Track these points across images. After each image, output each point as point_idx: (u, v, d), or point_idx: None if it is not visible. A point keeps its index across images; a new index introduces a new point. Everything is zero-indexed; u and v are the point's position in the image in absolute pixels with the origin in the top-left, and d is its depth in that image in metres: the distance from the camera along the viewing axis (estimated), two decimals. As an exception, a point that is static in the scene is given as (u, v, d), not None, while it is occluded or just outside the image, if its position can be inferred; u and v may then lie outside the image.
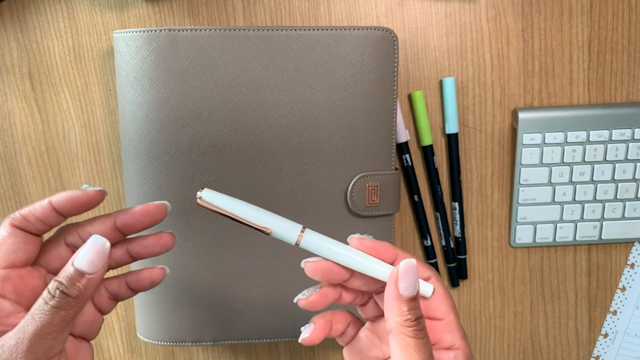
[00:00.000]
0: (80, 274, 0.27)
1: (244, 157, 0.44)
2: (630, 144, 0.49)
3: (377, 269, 0.30)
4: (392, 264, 0.30)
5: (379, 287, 0.31)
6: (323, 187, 0.45)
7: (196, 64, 0.42)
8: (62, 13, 0.47)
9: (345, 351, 0.34)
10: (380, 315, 0.33)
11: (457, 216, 0.51)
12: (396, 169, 0.46)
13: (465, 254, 0.52)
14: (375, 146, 0.45)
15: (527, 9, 0.48)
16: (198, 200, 0.30)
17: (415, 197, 0.50)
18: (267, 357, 0.54)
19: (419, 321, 0.28)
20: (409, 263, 0.28)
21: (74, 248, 0.31)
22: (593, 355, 0.55)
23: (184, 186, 0.44)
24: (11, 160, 0.50)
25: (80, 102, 0.49)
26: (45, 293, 0.26)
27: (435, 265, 0.52)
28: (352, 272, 0.31)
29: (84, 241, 0.30)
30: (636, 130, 0.49)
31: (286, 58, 0.43)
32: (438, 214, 0.51)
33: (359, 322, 0.34)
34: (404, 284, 0.28)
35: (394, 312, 0.28)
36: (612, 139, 0.49)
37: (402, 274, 0.28)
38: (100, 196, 0.29)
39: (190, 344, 0.48)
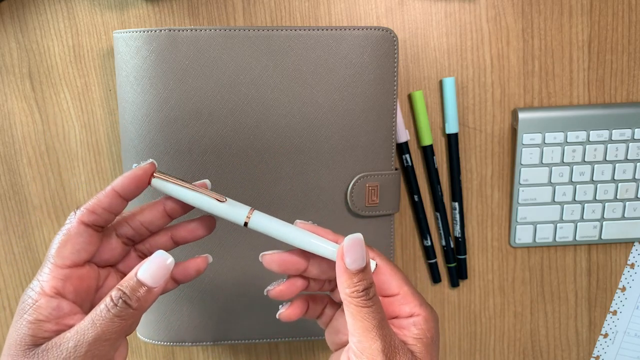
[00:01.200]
0: (142, 285, 0.28)
1: (244, 157, 0.44)
2: (630, 144, 0.49)
3: (325, 247, 0.31)
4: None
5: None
6: (323, 187, 0.45)
7: (196, 64, 0.42)
8: (62, 13, 0.47)
9: (326, 334, 0.36)
10: None
11: (457, 216, 0.51)
12: (396, 169, 0.46)
13: (465, 254, 0.52)
14: (375, 146, 0.45)
15: (527, 9, 0.48)
16: (152, 181, 0.31)
17: (415, 197, 0.50)
18: (267, 357, 0.54)
19: (367, 291, 0.29)
20: (354, 237, 0.30)
21: (124, 239, 0.32)
22: (593, 355, 0.55)
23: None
24: (11, 160, 0.50)
25: (80, 102, 0.49)
26: (108, 300, 0.27)
27: (435, 265, 0.52)
28: (308, 262, 0.32)
29: (134, 230, 0.32)
30: (636, 130, 0.49)
31: (286, 58, 0.43)
32: (438, 214, 0.51)
33: (336, 304, 0.36)
34: (349, 258, 0.29)
35: (343, 285, 0.29)
36: (612, 139, 0.49)
37: (347, 249, 0.30)
38: (153, 167, 0.31)
39: (190, 344, 0.48)
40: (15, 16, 0.47)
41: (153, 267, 0.28)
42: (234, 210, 0.31)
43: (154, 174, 0.31)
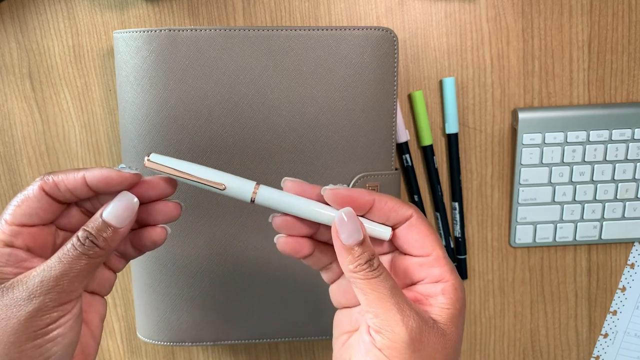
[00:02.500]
0: (107, 226, 0.28)
1: (244, 157, 0.44)
2: (630, 144, 0.49)
3: (329, 216, 0.29)
4: (370, 209, 0.30)
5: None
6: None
7: (196, 64, 0.42)
8: (62, 13, 0.47)
9: (331, 290, 0.33)
10: None
11: (457, 216, 0.51)
12: (396, 169, 0.46)
13: (465, 254, 0.52)
14: (375, 146, 0.45)
15: (527, 9, 0.48)
16: (145, 162, 0.29)
17: (415, 197, 0.50)
18: (267, 357, 0.54)
19: (370, 262, 0.28)
20: (344, 213, 0.28)
21: (82, 208, 0.31)
22: (593, 355, 0.55)
23: (184, 186, 0.44)
24: (11, 160, 0.50)
25: (80, 102, 0.49)
26: (74, 240, 0.28)
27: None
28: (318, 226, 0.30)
29: (93, 206, 0.31)
30: (636, 130, 0.49)
31: (286, 58, 0.43)
32: (438, 214, 0.51)
33: None
34: (344, 234, 0.28)
35: (345, 262, 0.28)
36: (612, 139, 0.49)
37: (339, 225, 0.28)
38: (136, 179, 0.29)
39: (190, 344, 0.48)
40: (15, 16, 0.47)
41: (118, 208, 0.28)
42: (238, 191, 0.29)
43: (148, 159, 0.29)
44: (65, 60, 0.48)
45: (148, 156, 0.29)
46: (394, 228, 0.30)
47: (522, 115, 0.48)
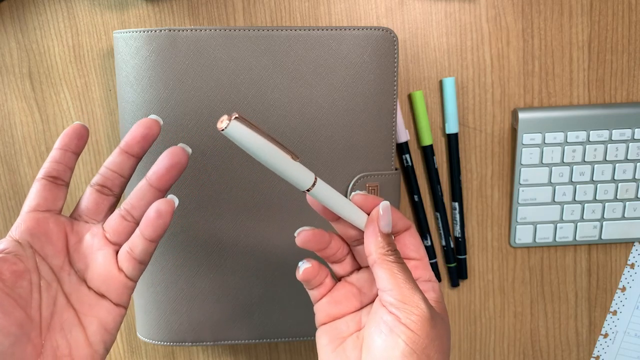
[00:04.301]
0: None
1: (244, 157, 0.44)
2: (630, 144, 0.49)
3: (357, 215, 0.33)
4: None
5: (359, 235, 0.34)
6: (323, 187, 0.45)
7: (196, 64, 0.42)
8: (62, 13, 0.47)
9: (319, 306, 0.36)
10: (357, 268, 0.36)
11: (457, 216, 0.51)
12: (396, 169, 0.46)
13: (465, 254, 0.52)
14: (375, 146, 0.45)
15: (527, 9, 0.48)
16: (227, 124, 0.27)
17: (415, 197, 0.50)
18: (267, 357, 0.54)
19: (397, 251, 0.32)
20: (387, 204, 0.33)
21: (96, 186, 0.34)
22: (593, 355, 0.55)
23: (184, 186, 0.44)
24: (11, 160, 0.50)
25: (80, 102, 0.49)
26: None
27: (435, 265, 0.52)
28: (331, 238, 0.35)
29: (103, 175, 0.34)
30: (636, 130, 0.49)
31: (286, 58, 0.43)
32: (438, 214, 0.51)
33: (333, 279, 0.37)
34: (383, 221, 0.32)
35: (377, 245, 0.32)
36: (612, 139, 0.49)
37: (384, 213, 0.32)
38: (83, 128, 0.34)
39: (190, 344, 0.48)
40: (15, 16, 0.47)
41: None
42: (299, 174, 0.30)
43: (235, 116, 0.27)
44: (65, 60, 0.48)
45: (230, 119, 0.27)
46: (395, 235, 0.35)
47: (522, 115, 0.48)
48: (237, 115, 0.27)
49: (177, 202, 0.33)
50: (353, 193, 0.34)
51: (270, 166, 0.29)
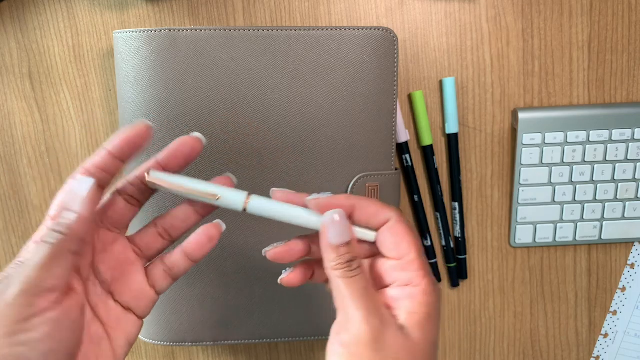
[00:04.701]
0: (63, 210, 0.27)
1: (244, 157, 0.44)
2: (630, 144, 0.49)
3: (313, 221, 0.31)
4: (352, 214, 0.31)
5: None
6: (323, 187, 0.45)
7: (196, 64, 0.42)
8: (62, 13, 0.47)
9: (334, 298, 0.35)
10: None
11: (457, 216, 0.51)
12: (396, 169, 0.46)
13: (465, 254, 0.52)
14: (375, 146, 0.45)
15: (527, 9, 0.48)
16: (146, 177, 0.31)
17: (415, 197, 0.50)
18: (267, 357, 0.54)
19: (350, 263, 0.29)
20: (333, 214, 0.30)
21: (125, 196, 0.32)
22: (593, 355, 0.55)
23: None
24: (11, 160, 0.50)
25: (80, 102, 0.49)
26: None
27: (435, 266, 0.52)
28: (309, 246, 0.33)
29: (134, 186, 0.31)
30: (636, 130, 0.49)
31: (286, 58, 0.43)
32: (438, 214, 0.51)
33: None
34: (331, 233, 0.29)
35: (326, 258, 0.30)
36: (612, 139, 0.49)
37: (327, 225, 0.30)
38: (149, 130, 0.29)
39: (190, 344, 0.48)
40: (15, 16, 0.47)
41: (71, 192, 0.27)
42: (231, 200, 0.32)
43: (148, 173, 0.30)
44: (65, 60, 0.48)
45: (148, 173, 0.31)
46: (377, 231, 0.31)
47: (522, 115, 0.48)
48: (149, 171, 0.31)
49: (224, 227, 0.33)
50: (308, 198, 0.31)
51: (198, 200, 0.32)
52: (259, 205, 0.31)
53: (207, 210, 0.33)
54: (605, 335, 0.55)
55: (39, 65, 0.48)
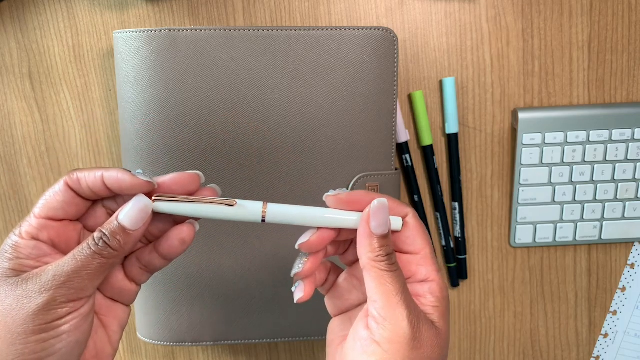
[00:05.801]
0: (122, 229, 0.28)
1: (244, 157, 0.44)
2: (630, 144, 0.49)
3: (346, 219, 0.30)
4: None
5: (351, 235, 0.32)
6: (323, 187, 0.45)
7: (196, 64, 0.42)
8: (62, 13, 0.47)
9: (327, 300, 0.35)
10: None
11: (457, 216, 0.51)
12: (396, 169, 0.46)
13: (465, 254, 0.52)
14: (375, 146, 0.45)
15: (527, 9, 0.48)
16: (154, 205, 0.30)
17: (415, 197, 0.50)
18: (267, 357, 0.54)
19: (390, 256, 0.29)
20: (380, 202, 0.30)
21: (109, 210, 0.32)
22: (593, 355, 0.55)
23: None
24: (11, 160, 0.50)
25: (80, 102, 0.49)
26: (90, 239, 0.28)
27: (435, 265, 0.52)
28: (339, 230, 0.32)
29: (119, 206, 0.31)
30: (636, 130, 0.49)
31: (286, 58, 0.43)
32: (438, 214, 0.51)
33: (338, 269, 0.35)
34: (375, 222, 0.29)
35: (367, 249, 0.29)
36: (612, 139, 0.49)
37: (374, 213, 0.29)
38: (149, 187, 0.29)
39: (190, 344, 0.48)
40: (15, 16, 0.47)
41: (132, 211, 0.29)
42: (247, 210, 0.30)
43: (154, 197, 0.30)
44: (65, 60, 0.48)
45: (153, 197, 0.30)
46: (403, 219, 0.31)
47: (522, 115, 0.48)
48: (155, 197, 0.30)
49: (197, 227, 0.32)
50: (326, 194, 0.31)
51: (213, 218, 0.30)
52: (277, 211, 0.30)
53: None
54: (605, 335, 0.55)
55: (39, 65, 0.48)
